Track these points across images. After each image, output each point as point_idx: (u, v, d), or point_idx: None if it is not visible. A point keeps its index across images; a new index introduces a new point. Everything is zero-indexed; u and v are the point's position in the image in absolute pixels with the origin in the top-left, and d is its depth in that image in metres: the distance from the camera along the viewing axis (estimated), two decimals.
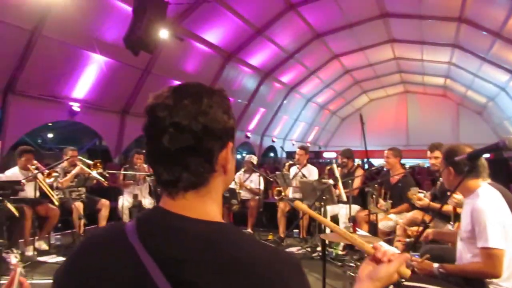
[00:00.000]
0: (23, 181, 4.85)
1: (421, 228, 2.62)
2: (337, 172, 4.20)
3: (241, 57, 12.57)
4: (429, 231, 2.94)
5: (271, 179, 7.34)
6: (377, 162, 16.74)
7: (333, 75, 17.90)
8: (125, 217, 6.09)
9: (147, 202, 6.34)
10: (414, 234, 2.84)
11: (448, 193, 2.70)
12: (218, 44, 11.25)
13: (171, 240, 0.77)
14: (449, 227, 3.61)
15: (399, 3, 11.74)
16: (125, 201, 6.14)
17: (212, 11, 9.60)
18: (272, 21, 11.43)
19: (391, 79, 20.57)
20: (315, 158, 20.87)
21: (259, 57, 13.29)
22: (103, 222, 5.82)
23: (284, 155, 18.14)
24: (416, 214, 4.37)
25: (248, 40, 11.83)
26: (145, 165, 6.27)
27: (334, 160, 5.12)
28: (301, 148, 6.57)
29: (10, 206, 4.33)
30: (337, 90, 20.08)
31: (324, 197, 3.86)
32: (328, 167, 5.99)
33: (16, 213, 4.49)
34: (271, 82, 15.34)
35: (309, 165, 6.51)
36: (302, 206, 1.31)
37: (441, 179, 3.72)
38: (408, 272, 1.06)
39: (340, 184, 4.07)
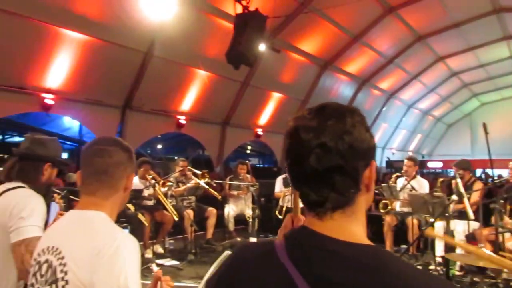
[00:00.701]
0: (145, 191, 5.34)
1: None
2: (462, 187, 3.85)
3: (338, 65, 12.38)
4: None
5: (375, 191, 7.03)
6: (490, 172, 15.07)
7: (438, 79, 16.75)
8: (230, 225, 6.32)
9: (251, 212, 6.49)
10: None
11: None
12: (314, 54, 11.23)
13: (322, 262, 0.76)
14: None
15: None
16: (230, 210, 6.39)
17: (308, 21, 9.62)
18: (369, 27, 11.08)
19: (508, 80, 18.51)
20: (418, 167, 19.58)
21: (356, 64, 12.97)
22: (210, 230, 6.12)
23: (384, 164, 17.30)
24: None
25: (344, 48, 11.62)
26: (248, 175, 6.45)
27: (457, 174, 4.71)
28: (410, 159, 6.18)
29: (141, 216, 4.77)
30: (442, 94, 18.72)
31: (446, 214, 3.53)
32: (440, 179, 5.54)
33: (146, 223, 4.94)
34: (369, 89, 14.85)
35: (418, 177, 6.09)
36: (433, 234, 1.22)
37: None
38: None
39: (466, 200, 3.72)
